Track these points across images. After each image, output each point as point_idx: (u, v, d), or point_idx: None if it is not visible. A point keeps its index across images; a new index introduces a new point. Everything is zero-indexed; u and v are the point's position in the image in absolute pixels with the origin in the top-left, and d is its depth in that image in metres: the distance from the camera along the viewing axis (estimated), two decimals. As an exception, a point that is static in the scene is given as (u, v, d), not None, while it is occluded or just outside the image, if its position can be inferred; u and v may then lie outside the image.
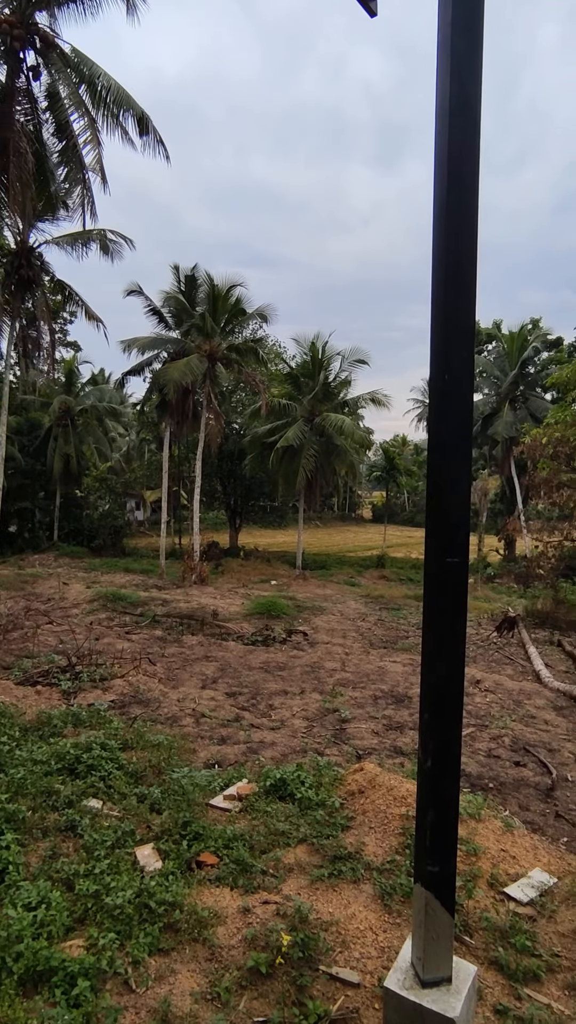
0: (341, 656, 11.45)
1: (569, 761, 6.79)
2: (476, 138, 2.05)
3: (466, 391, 1.87)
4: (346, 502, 74.21)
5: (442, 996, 2.09)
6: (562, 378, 15.09)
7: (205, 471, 26.72)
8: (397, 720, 7.86)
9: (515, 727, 7.73)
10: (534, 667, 11.33)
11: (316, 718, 7.85)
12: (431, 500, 1.93)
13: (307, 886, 3.80)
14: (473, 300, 1.91)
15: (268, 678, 9.70)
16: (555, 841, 4.91)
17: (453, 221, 1.96)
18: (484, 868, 4.01)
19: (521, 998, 3.03)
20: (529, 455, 15.25)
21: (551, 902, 3.74)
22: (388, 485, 44.50)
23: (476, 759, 6.66)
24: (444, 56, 2.08)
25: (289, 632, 13.23)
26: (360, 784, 4.95)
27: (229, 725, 7.38)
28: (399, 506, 63.95)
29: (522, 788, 6.01)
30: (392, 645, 12.92)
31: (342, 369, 27.51)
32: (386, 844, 4.24)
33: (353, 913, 3.55)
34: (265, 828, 4.43)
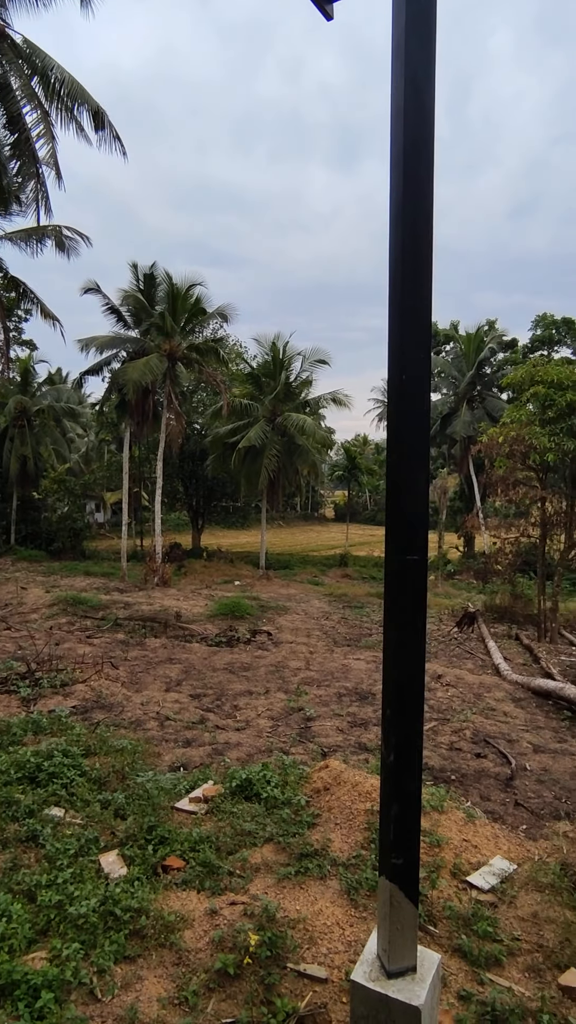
0: (305, 655, 11.50)
1: (527, 751, 6.97)
2: (430, 142, 2.09)
3: (423, 391, 1.91)
4: (309, 502, 74.53)
5: (407, 985, 2.12)
6: (516, 379, 15.47)
7: (166, 472, 26.45)
8: (361, 717, 7.94)
9: (476, 720, 7.90)
10: (493, 661, 11.61)
11: (281, 717, 7.86)
12: (390, 499, 1.96)
13: (274, 885, 3.81)
14: (429, 301, 1.95)
15: (233, 679, 9.67)
16: (515, 829, 5.04)
17: (409, 223, 1.99)
18: (447, 858, 4.09)
19: (484, 983, 3.10)
20: (486, 454, 15.59)
21: (511, 888, 3.84)
22: (350, 484, 44.88)
23: (439, 752, 6.78)
24: (398, 61, 2.12)
25: (253, 632, 13.21)
26: (325, 781, 4.99)
27: (194, 727, 7.33)
28: (361, 505, 64.59)
29: (483, 779, 6.15)
30: (356, 643, 13.04)
31: (303, 369, 27.67)
32: (352, 839, 4.28)
33: (320, 909, 3.58)
34: (231, 829, 4.42)
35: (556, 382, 14.07)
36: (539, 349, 37.82)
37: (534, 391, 14.40)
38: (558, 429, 13.77)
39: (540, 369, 14.86)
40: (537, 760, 6.69)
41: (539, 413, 14.41)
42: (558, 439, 13.55)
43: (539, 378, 14.43)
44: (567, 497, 15.03)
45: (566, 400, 13.72)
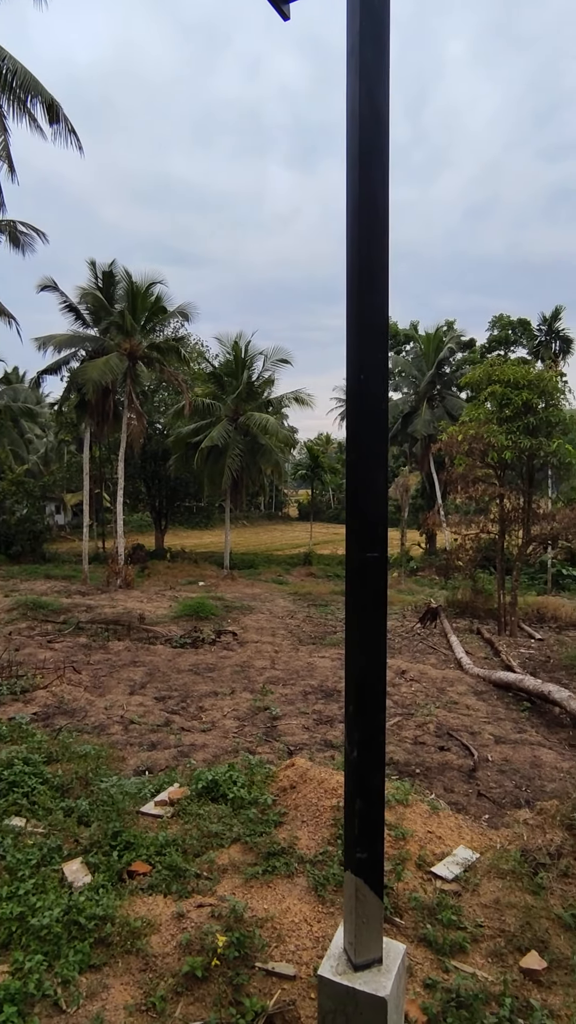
0: (271, 654, 11.51)
1: (489, 743, 7.14)
2: (386, 143, 2.12)
3: (381, 391, 1.94)
4: (272, 501, 74.57)
5: (374, 977, 2.15)
6: (475, 378, 15.79)
7: (128, 472, 26.10)
8: (327, 714, 8.00)
9: (439, 714, 8.04)
10: (456, 655, 11.83)
11: (247, 717, 7.86)
12: (350, 498, 1.98)
13: (242, 885, 3.81)
14: (386, 302, 1.98)
15: (198, 680, 9.61)
16: (477, 819, 5.15)
17: (365, 224, 2.01)
18: (412, 851, 4.16)
19: (448, 970, 3.17)
20: (446, 452, 15.86)
21: (474, 876, 3.93)
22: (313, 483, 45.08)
23: (403, 747, 6.88)
24: (353, 66, 2.14)
25: (218, 633, 13.16)
26: (292, 779, 5.01)
27: (159, 730, 7.26)
28: (324, 503, 64.97)
29: (447, 771, 6.27)
30: (320, 641, 13.12)
31: (265, 368, 27.69)
32: (318, 836, 4.31)
33: (288, 907, 3.59)
34: (198, 831, 4.39)
35: (512, 381, 14.42)
36: (496, 349, 38.70)
37: (491, 390, 14.73)
38: (514, 427, 14.12)
39: (497, 369, 15.21)
40: (498, 751, 6.85)
41: (497, 412, 14.75)
42: (515, 437, 13.90)
43: (496, 377, 14.78)
44: (524, 494, 15.43)
45: (522, 399, 14.08)
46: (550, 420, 14.35)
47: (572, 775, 6.24)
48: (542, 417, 14.30)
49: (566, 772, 6.32)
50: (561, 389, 15.30)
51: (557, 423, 14.44)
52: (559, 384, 15.21)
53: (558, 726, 7.96)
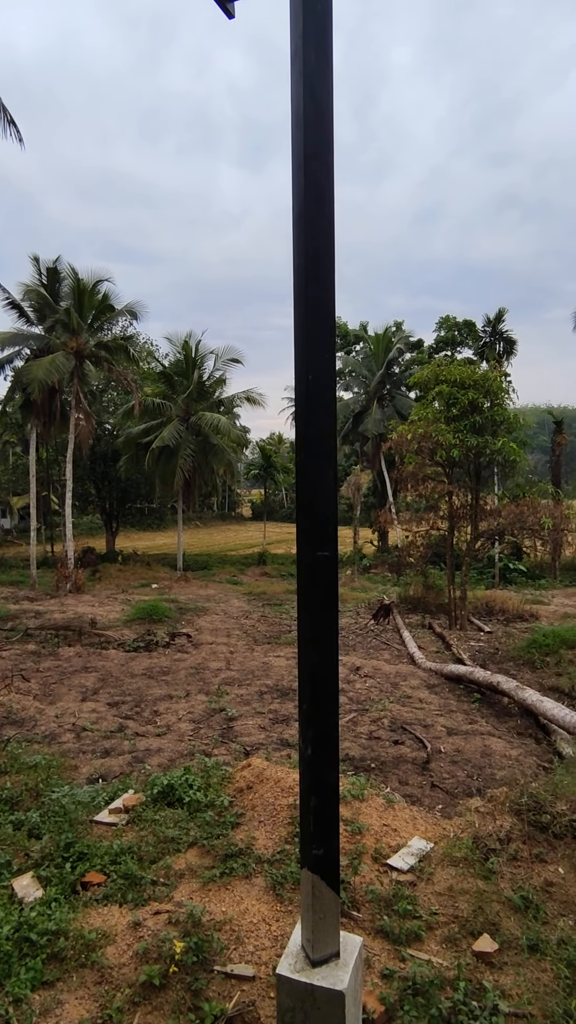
0: (226, 655, 11.46)
1: (442, 734, 7.31)
2: (330, 145, 2.14)
3: (329, 391, 1.96)
4: (226, 501, 74.20)
5: (331, 972, 2.17)
6: (423, 378, 16.11)
7: (77, 474, 25.48)
8: (283, 713, 8.02)
9: (393, 708, 8.18)
10: (408, 650, 12.06)
11: (203, 719, 7.80)
12: (300, 496, 1.99)
13: (199, 889, 3.78)
14: (332, 302, 2.00)
15: (152, 684, 9.48)
16: (431, 810, 5.26)
17: (311, 224, 2.03)
18: (368, 844, 4.21)
19: (405, 959, 3.23)
20: (396, 450, 16.13)
21: (429, 866, 4.02)
22: (266, 483, 45.11)
23: (359, 742, 6.96)
24: (297, 66, 2.15)
25: (172, 635, 13.01)
26: (248, 780, 5.00)
27: (112, 736, 7.13)
28: (278, 503, 65.08)
29: (401, 764, 6.38)
30: (276, 640, 13.14)
31: (216, 368, 27.54)
32: (276, 835, 4.32)
33: (246, 908, 3.58)
34: (154, 837, 4.34)
35: (459, 381, 14.78)
36: (443, 350, 39.59)
37: (439, 390, 15.06)
38: (461, 426, 14.47)
39: (444, 369, 15.56)
40: (451, 742, 7.02)
41: (444, 411, 15.08)
42: (462, 435, 14.25)
43: (443, 377, 15.11)
44: (471, 491, 15.84)
45: (468, 398, 14.45)
46: (495, 419, 14.78)
47: (520, 762, 6.45)
48: (487, 416, 14.71)
49: (514, 760, 6.53)
50: (505, 389, 15.78)
51: (502, 422, 14.88)
52: (503, 384, 15.68)
53: (507, 715, 8.21)
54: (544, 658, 10.70)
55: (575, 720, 6.52)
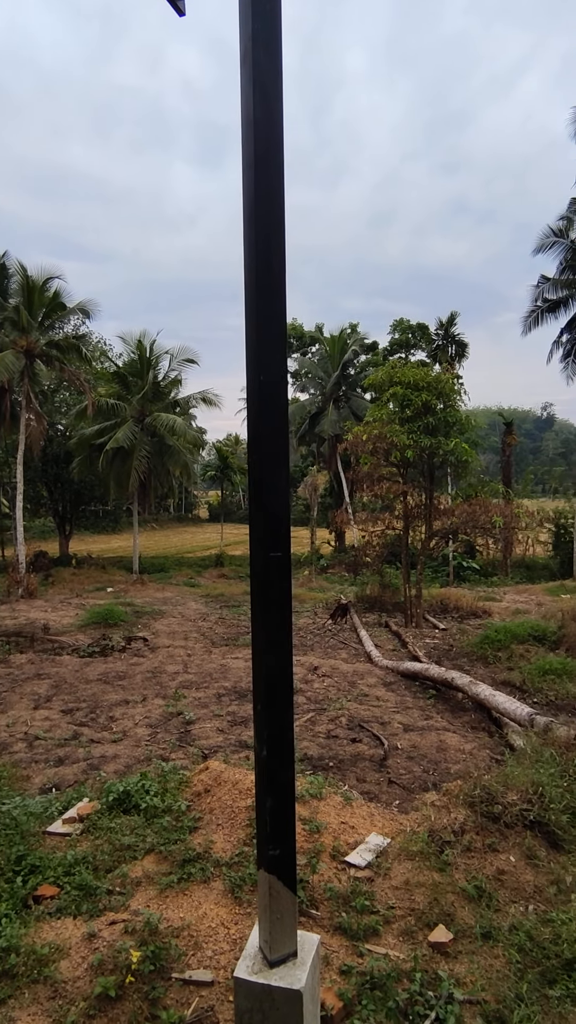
0: (183, 658, 11.35)
1: (399, 731, 7.42)
2: (280, 147, 2.15)
3: (281, 391, 1.96)
4: (182, 503, 73.51)
5: (289, 971, 2.17)
6: (377, 380, 16.33)
7: (28, 476, 24.80)
8: (241, 715, 7.99)
9: (351, 706, 8.25)
10: (366, 649, 12.19)
11: (160, 724, 7.70)
12: (253, 497, 1.99)
13: (156, 896, 3.73)
14: (283, 302, 2.00)
15: (108, 689, 9.31)
16: (388, 806, 5.34)
17: (262, 226, 2.03)
18: (327, 842, 4.24)
19: (363, 954, 3.27)
20: (352, 451, 16.29)
21: (386, 861, 4.07)
22: (223, 484, 44.87)
23: (317, 741, 7.00)
24: (247, 67, 2.15)
25: (128, 639, 12.80)
26: (206, 783, 4.96)
27: (66, 744, 6.96)
28: (235, 504, 64.84)
29: (359, 762, 6.45)
30: (234, 642, 13.08)
31: (171, 368, 27.23)
32: (234, 838, 4.30)
33: (204, 913, 3.56)
34: (109, 845, 4.26)
35: (413, 383, 15.05)
36: (397, 352, 40.26)
37: (393, 391, 15.30)
38: (415, 427, 14.74)
39: (398, 371, 15.81)
40: (407, 738, 7.14)
41: (399, 412, 15.33)
42: (415, 436, 14.51)
43: (397, 379, 15.36)
44: (425, 491, 16.14)
45: (421, 400, 14.73)
46: (448, 420, 15.11)
47: (474, 756, 6.61)
48: (440, 417, 15.02)
49: (468, 753, 6.68)
50: (457, 391, 16.15)
51: (454, 423, 15.22)
52: (455, 386, 16.05)
53: (461, 710, 8.39)
54: (496, 653, 10.99)
55: (525, 713, 6.72)
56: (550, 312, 26.38)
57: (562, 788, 4.57)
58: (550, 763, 4.93)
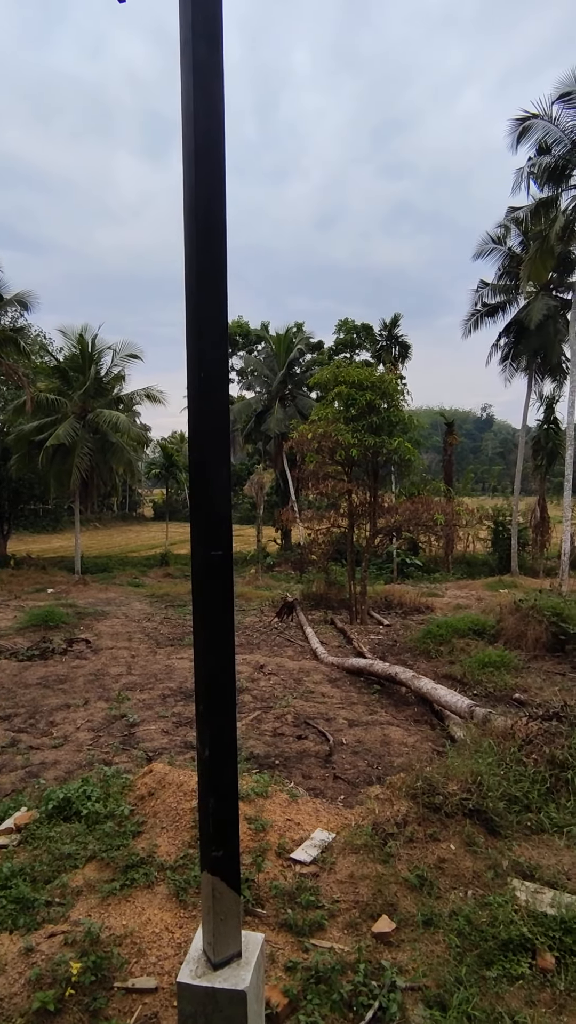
0: (127, 659, 11.13)
1: (344, 727, 7.50)
2: (222, 142, 2.12)
3: (222, 387, 1.94)
4: (126, 501, 72.11)
5: (233, 972, 2.16)
6: (323, 379, 16.47)
7: (-39, 474, 23.72)
8: (187, 716, 7.91)
9: (297, 704, 8.29)
10: (311, 646, 12.28)
11: (103, 727, 7.53)
12: (194, 495, 1.96)
13: (98, 905, 3.64)
14: (224, 298, 1.98)
15: (48, 693, 9.02)
16: (333, 801, 5.39)
17: (203, 221, 2.00)
18: (272, 841, 4.25)
19: (308, 949, 3.28)
20: (298, 449, 16.38)
21: (331, 856, 4.11)
22: (168, 482, 44.27)
23: (263, 740, 7.00)
24: (187, 57, 2.11)
25: (70, 641, 12.45)
26: (150, 786, 4.88)
27: (3, 752, 6.71)
28: (180, 502, 64.06)
29: (305, 759, 6.49)
30: (179, 642, 12.93)
31: (115, 363, 26.62)
32: (179, 840, 4.25)
33: (148, 919, 3.49)
34: (49, 855, 4.13)
35: (357, 383, 15.25)
36: (342, 352, 40.71)
37: (338, 391, 15.46)
38: (360, 426, 14.95)
39: (343, 370, 16.00)
40: (352, 734, 7.23)
41: (343, 411, 15.51)
42: (360, 435, 14.71)
43: (342, 379, 15.53)
44: (370, 489, 16.39)
45: (366, 399, 14.94)
46: (391, 419, 15.39)
47: (417, 748, 6.76)
48: (384, 417, 15.29)
49: (411, 746, 6.83)
50: (400, 391, 16.47)
51: (397, 422, 15.52)
52: (398, 386, 16.37)
53: (404, 704, 8.57)
54: (438, 647, 11.28)
55: (465, 705, 6.92)
56: (489, 316, 27.27)
57: (499, 776, 4.73)
58: (488, 753, 5.10)
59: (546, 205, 19.85)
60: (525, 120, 18.97)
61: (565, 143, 18.79)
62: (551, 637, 10.88)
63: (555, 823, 4.40)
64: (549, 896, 3.51)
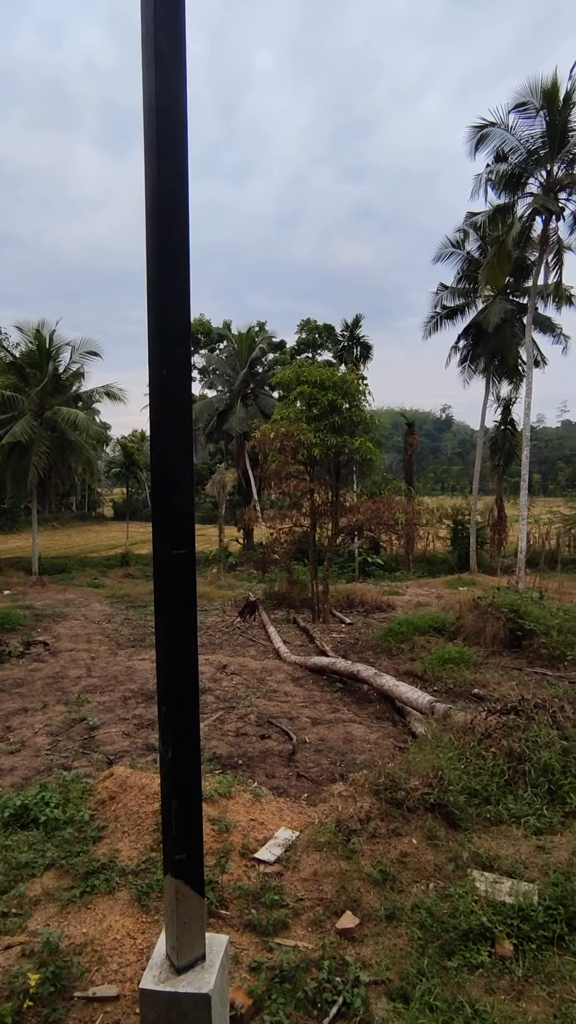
0: (86, 662, 10.93)
1: (307, 725, 7.53)
2: (184, 135, 2.09)
3: (184, 386, 1.92)
4: (85, 501, 70.78)
5: (197, 976, 2.14)
6: (285, 378, 16.49)
7: None
8: (149, 717, 7.81)
9: (260, 703, 8.28)
10: (274, 645, 12.29)
11: (62, 731, 7.37)
12: (155, 493, 1.93)
13: (57, 913, 3.55)
14: (187, 294, 1.96)
15: (4, 697, 8.78)
16: (297, 799, 5.40)
17: (165, 217, 1.97)
18: (236, 841, 4.23)
19: (272, 949, 3.28)
20: (260, 449, 16.35)
21: (295, 854, 4.12)
22: (128, 481, 43.66)
23: (226, 740, 6.97)
24: (148, 50, 2.08)
25: (27, 644, 12.14)
26: (111, 790, 4.80)
27: (-43, 760, 6.49)
28: (141, 502, 63.22)
29: (268, 758, 6.48)
30: (140, 643, 12.76)
31: (73, 360, 26.04)
32: (141, 844, 4.19)
33: (109, 925, 3.43)
34: (5, 865, 4.01)
35: (319, 382, 15.31)
36: (305, 351, 40.87)
37: (300, 390, 15.50)
38: (322, 426, 15.02)
39: (305, 370, 16.04)
40: (315, 732, 7.26)
41: (306, 411, 15.55)
42: (322, 435, 14.78)
43: (304, 378, 15.57)
44: (332, 488, 16.49)
45: (328, 399, 15.02)
46: (353, 419, 15.51)
47: (379, 745, 6.83)
48: (346, 416, 15.40)
49: (374, 743, 6.90)
50: (362, 391, 16.63)
51: (359, 422, 15.66)
52: (360, 386, 16.52)
53: (367, 702, 8.66)
54: (400, 645, 11.43)
55: (426, 701, 7.03)
56: (448, 319, 27.77)
57: (459, 770, 4.82)
58: (449, 747, 5.19)
59: (503, 211, 20.33)
60: (483, 128, 19.39)
61: (521, 152, 19.29)
62: (508, 633, 11.15)
63: (513, 814, 4.51)
64: (507, 885, 3.59)
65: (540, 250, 20.11)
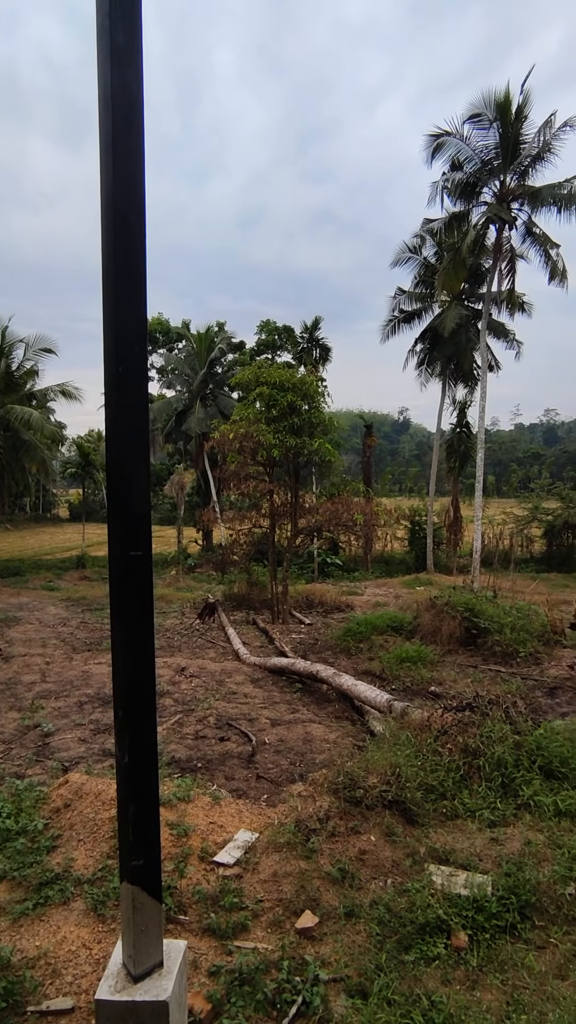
0: (41, 666, 10.65)
1: (266, 727, 7.52)
2: (141, 132, 2.07)
3: (141, 384, 1.89)
4: (40, 502, 69.00)
5: (154, 983, 2.11)
6: (244, 379, 16.44)
7: None
8: (105, 722, 7.66)
9: (219, 705, 8.23)
10: (233, 647, 12.23)
11: (14, 739, 7.16)
12: (111, 494, 1.90)
13: (9, 927, 3.45)
14: (143, 290, 1.93)
15: (-48, 707, 8.47)
16: (256, 801, 5.39)
17: (120, 213, 1.94)
18: (195, 845, 4.19)
19: (232, 952, 3.26)
20: (219, 449, 16.26)
21: (254, 856, 4.11)
22: (85, 482, 42.72)
23: (185, 743, 6.90)
24: (104, 45, 2.04)
25: (-23, 651, 11.74)
26: (66, 797, 4.69)
27: None
28: (98, 503, 61.98)
29: (228, 760, 6.44)
30: (97, 646, 12.52)
31: (27, 358, 25.43)
32: (97, 852, 4.11)
33: (64, 937, 3.35)
34: (-46, 878, 3.87)
35: (279, 384, 15.33)
36: (264, 352, 40.82)
37: (260, 391, 15.48)
38: (281, 427, 15.03)
39: (265, 371, 16.03)
40: (274, 733, 7.26)
41: (265, 412, 15.55)
42: (281, 436, 14.80)
43: (264, 379, 15.56)
44: (291, 489, 16.53)
45: (287, 400, 15.05)
46: (312, 421, 15.58)
47: (338, 744, 6.88)
48: (305, 418, 15.46)
49: (333, 743, 6.94)
50: (321, 393, 16.73)
51: (318, 424, 15.74)
52: (319, 388, 16.61)
53: (326, 701, 8.70)
54: (358, 644, 11.54)
55: (384, 699, 7.12)
56: (406, 322, 28.20)
57: (417, 767, 4.90)
58: (406, 745, 5.27)
59: (459, 219, 20.79)
60: (439, 137, 19.78)
61: (475, 161, 19.76)
62: (464, 632, 11.39)
63: (468, 808, 4.61)
64: (463, 878, 3.67)
65: (494, 258, 20.64)
